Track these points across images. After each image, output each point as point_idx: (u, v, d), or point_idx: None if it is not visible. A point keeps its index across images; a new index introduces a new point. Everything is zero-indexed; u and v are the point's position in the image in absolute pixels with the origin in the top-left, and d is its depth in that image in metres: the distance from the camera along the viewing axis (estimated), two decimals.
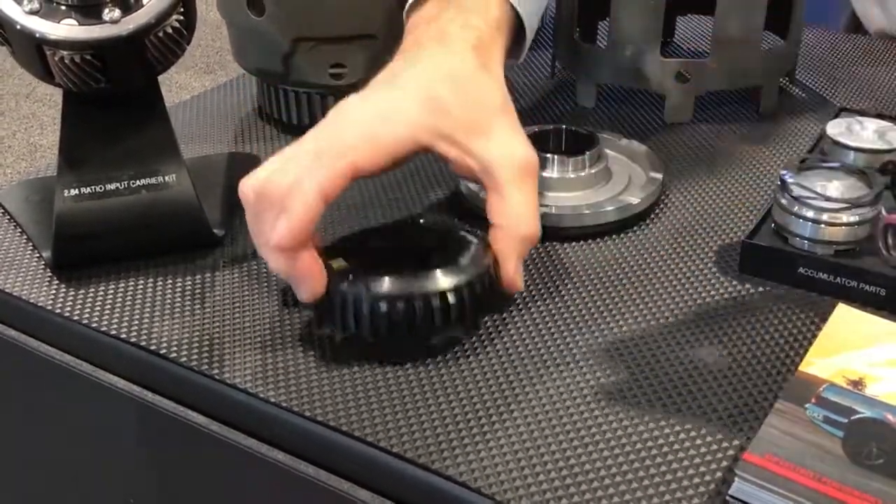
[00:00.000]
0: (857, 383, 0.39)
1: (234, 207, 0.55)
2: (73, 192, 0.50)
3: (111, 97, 0.51)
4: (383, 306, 0.43)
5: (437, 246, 0.48)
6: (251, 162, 0.61)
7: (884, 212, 0.47)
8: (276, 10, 0.62)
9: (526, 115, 0.59)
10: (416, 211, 0.57)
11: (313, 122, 0.67)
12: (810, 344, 0.42)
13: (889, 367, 0.40)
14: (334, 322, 0.45)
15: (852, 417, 0.38)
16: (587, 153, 0.55)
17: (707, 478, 0.37)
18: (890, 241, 0.46)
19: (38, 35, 0.47)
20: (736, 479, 0.35)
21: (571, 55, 0.71)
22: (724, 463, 0.37)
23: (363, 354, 0.45)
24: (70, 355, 0.49)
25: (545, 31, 0.80)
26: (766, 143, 0.62)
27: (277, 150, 0.46)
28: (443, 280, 0.44)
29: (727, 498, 0.35)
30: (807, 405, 0.38)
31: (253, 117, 0.72)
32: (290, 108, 0.68)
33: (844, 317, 0.44)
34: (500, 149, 0.47)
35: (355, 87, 0.51)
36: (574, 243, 0.53)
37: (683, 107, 0.66)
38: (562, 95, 0.72)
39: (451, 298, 0.44)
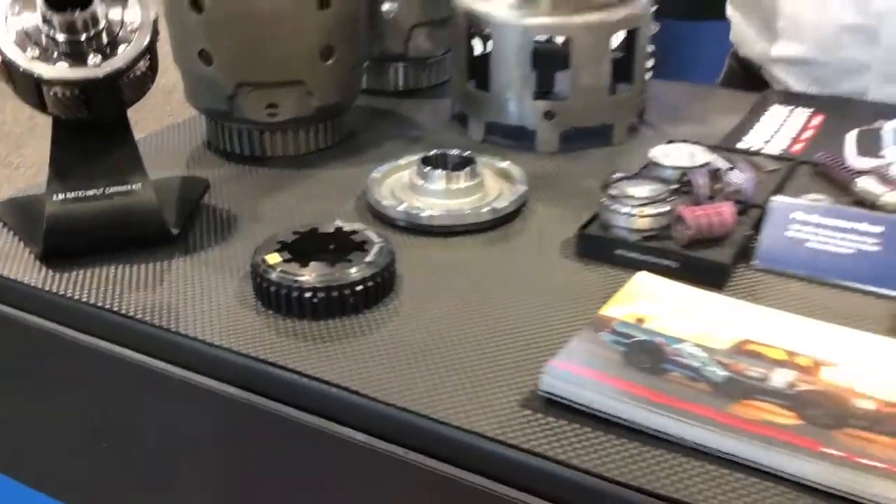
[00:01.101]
0: (640, 320, 0.55)
1: (188, 213, 0.70)
2: (60, 197, 0.64)
3: (91, 124, 0.65)
4: (308, 294, 0.58)
5: (352, 246, 0.62)
6: (201, 183, 0.76)
7: (678, 207, 0.63)
8: (222, 61, 0.78)
9: (431, 145, 0.75)
10: (336, 218, 0.71)
11: (253, 152, 0.83)
12: None
13: (665, 311, 0.56)
14: (272, 307, 0.60)
15: (632, 340, 0.53)
16: (466, 169, 0.71)
17: (529, 383, 0.52)
18: (679, 227, 0.62)
19: (37, 75, 0.61)
20: (543, 376, 0.50)
21: (465, 100, 0.88)
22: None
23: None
24: (57, 324, 0.62)
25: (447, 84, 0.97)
26: (611, 164, 0.78)
27: (223, 175, 0.61)
28: (355, 273, 0.59)
29: (538, 392, 0.50)
30: (601, 332, 0.54)
31: (202, 149, 0.87)
32: (232, 140, 0.83)
33: (641, 280, 0.60)
34: None
35: (287, 123, 0.66)
36: (458, 237, 0.69)
37: (550, 140, 0.82)
38: (458, 131, 0.88)
39: (353, 290, 0.59)
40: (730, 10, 1.11)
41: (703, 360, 0.51)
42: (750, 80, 1.06)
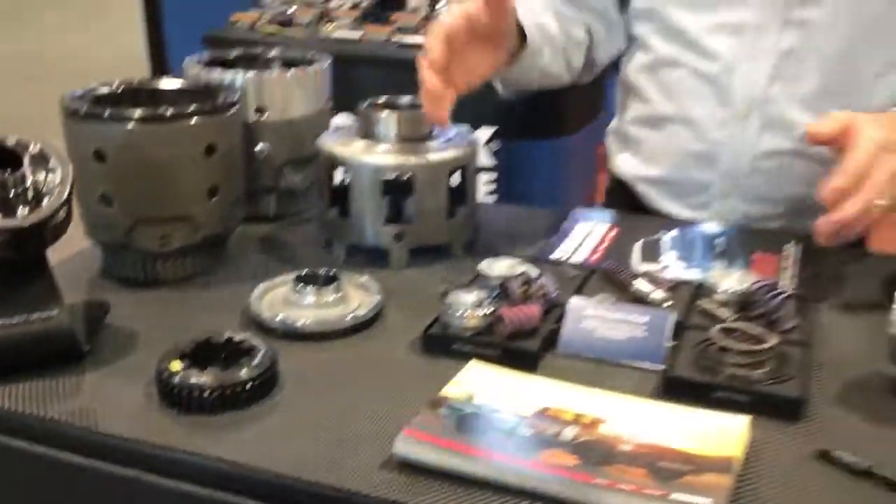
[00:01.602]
0: (470, 397, 0.72)
1: (94, 332, 0.83)
2: None
3: (17, 261, 0.78)
4: (206, 393, 0.72)
5: (241, 352, 0.77)
6: (103, 305, 0.89)
7: (499, 309, 0.81)
8: (122, 202, 0.92)
9: (302, 265, 0.91)
10: (226, 329, 0.86)
11: (147, 278, 0.96)
12: None
13: (489, 389, 0.73)
14: (176, 406, 0.74)
15: (463, 412, 0.70)
16: (332, 285, 0.88)
17: (388, 449, 0.67)
18: (500, 324, 0.81)
19: None
20: (398, 443, 0.66)
21: (329, 226, 1.05)
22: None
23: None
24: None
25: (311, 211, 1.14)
26: (450, 276, 0.96)
27: (120, 301, 0.75)
28: (244, 374, 0.74)
29: (394, 456, 0.66)
30: (440, 408, 0.70)
31: (98, 276, 1.00)
32: (127, 268, 0.97)
33: (472, 367, 0.77)
34: None
35: (177, 251, 0.81)
36: (328, 341, 0.85)
37: (401, 257, 1.00)
38: (325, 252, 1.05)
39: (244, 387, 0.73)
40: (608, 140, 1.33)
41: (515, 423, 0.68)
42: (624, 195, 1.27)
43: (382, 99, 1.06)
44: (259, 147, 1.10)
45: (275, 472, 0.66)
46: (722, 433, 0.68)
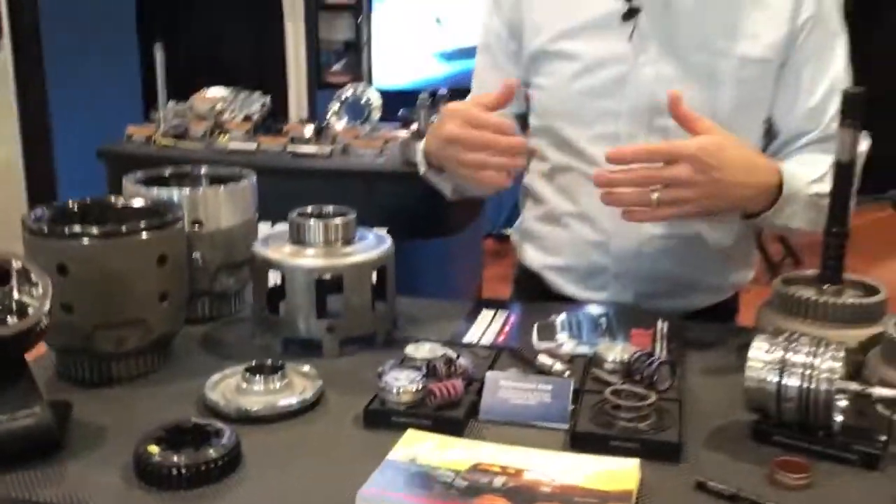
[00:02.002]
0: (412, 459, 0.86)
1: (60, 429, 0.93)
2: None
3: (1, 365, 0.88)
4: (183, 471, 0.83)
5: (207, 435, 0.88)
6: (66, 405, 0.99)
7: (428, 385, 0.96)
8: (81, 310, 1.02)
9: (240, 359, 1.03)
10: (191, 417, 0.96)
11: (101, 380, 1.06)
12: None
13: (427, 451, 0.87)
14: (154, 484, 0.84)
15: (408, 471, 0.83)
16: (278, 374, 1.00)
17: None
18: (429, 398, 0.95)
19: None
20: (358, 499, 0.79)
21: (265, 322, 1.18)
22: None
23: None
24: None
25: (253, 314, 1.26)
26: (380, 360, 1.10)
27: (80, 400, 0.86)
28: (213, 453, 0.85)
29: None
30: (387, 469, 0.84)
31: (55, 379, 1.09)
32: (84, 370, 1.06)
33: (410, 434, 0.91)
34: None
35: (131, 352, 0.93)
36: (278, 423, 0.97)
37: (333, 347, 1.14)
38: (260, 347, 1.17)
39: (215, 464, 0.85)
40: (514, 237, 1.50)
41: (453, 477, 0.82)
42: (532, 283, 1.44)
43: (309, 209, 1.20)
44: (196, 255, 1.22)
45: None
46: (620, 473, 0.84)
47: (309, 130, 2.86)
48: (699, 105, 1.19)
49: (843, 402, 0.89)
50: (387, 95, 3.11)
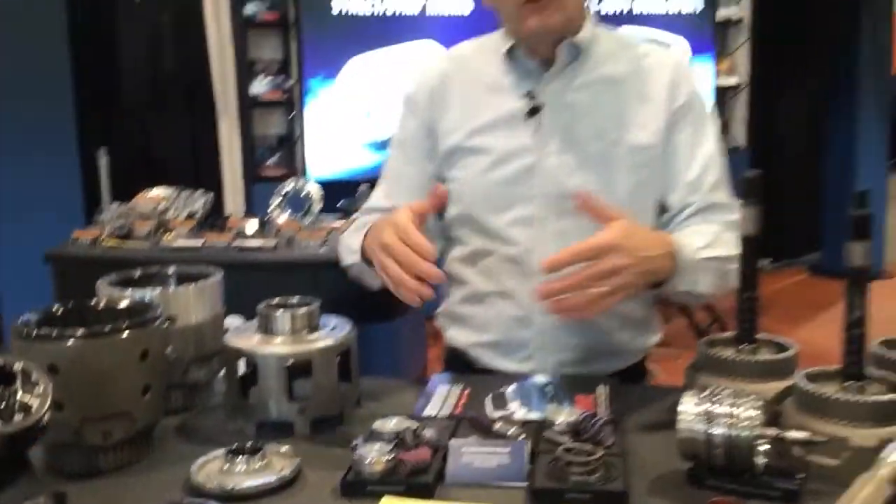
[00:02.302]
0: None
1: None
2: None
3: (7, 459, 0.95)
4: None
5: None
6: (63, 497, 1.05)
7: (397, 454, 1.06)
8: (71, 406, 1.10)
9: (217, 444, 1.11)
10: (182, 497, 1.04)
11: (90, 472, 1.13)
12: None
13: None
14: None
15: None
16: (258, 454, 1.09)
17: None
18: (400, 465, 1.05)
19: None
20: None
21: (238, 408, 1.26)
22: None
23: None
24: None
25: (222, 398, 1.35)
26: (350, 433, 1.19)
27: (71, 492, 0.94)
28: None
29: None
30: None
31: (45, 471, 1.15)
32: (73, 462, 1.13)
33: (386, 500, 1.00)
34: None
35: (119, 442, 1.01)
36: (261, 499, 1.05)
37: (304, 427, 1.23)
38: (234, 431, 1.25)
39: None
40: (438, 321, 1.61)
41: None
42: (459, 361, 1.55)
43: (276, 300, 1.30)
44: (169, 350, 1.31)
45: None
46: None
47: (252, 225, 2.97)
48: (599, 189, 1.37)
49: (763, 446, 1.02)
50: (322, 185, 3.24)
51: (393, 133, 1.61)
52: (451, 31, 4.92)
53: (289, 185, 3.14)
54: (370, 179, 3.35)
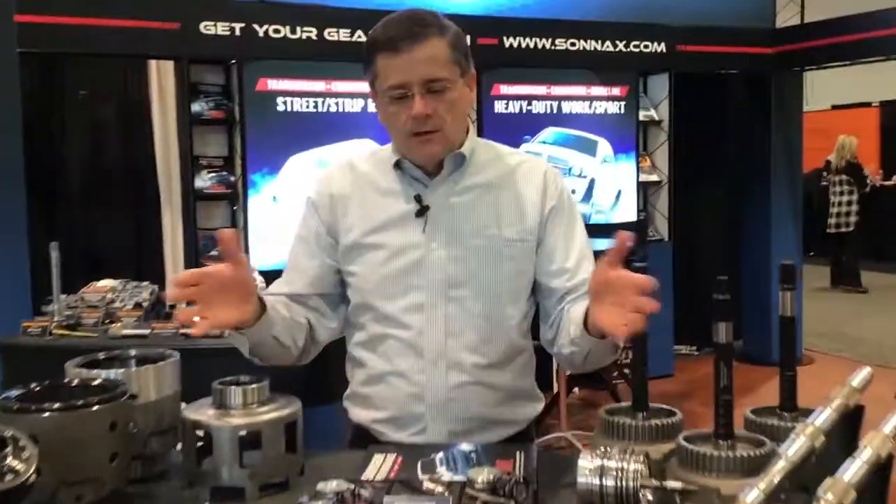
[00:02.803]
0: None
1: None
2: None
3: None
4: None
5: None
6: None
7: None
8: (48, 471, 1.24)
9: None
10: None
11: None
12: None
13: None
14: None
15: None
16: None
17: None
18: None
19: None
20: None
21: (195, 475, 1.41)
22: None
23: None
24: None
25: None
26: (293, 500, 1.34)
27: None
28: None
29: None
30: None
31: None
32: None
33: None
34: None
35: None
36: None
37: (254, 491, 1.38)
38: (190, 496, 1.40)
39: None
40: (345, 403, 1.78)
41: None
42: (363, 436, 1.72)
43: (228, 378, 1.47)
44: (131, 424, 1.45)
45: None
46: None
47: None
48: (484, 275, 1.63)
49: (648, 494, 1.21)
50: (262, 275, 3.40)
51: (296, 229, 1.80)
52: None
53: None
54: None
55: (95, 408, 1.29)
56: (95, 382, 1.40)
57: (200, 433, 1.42)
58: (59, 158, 5.12)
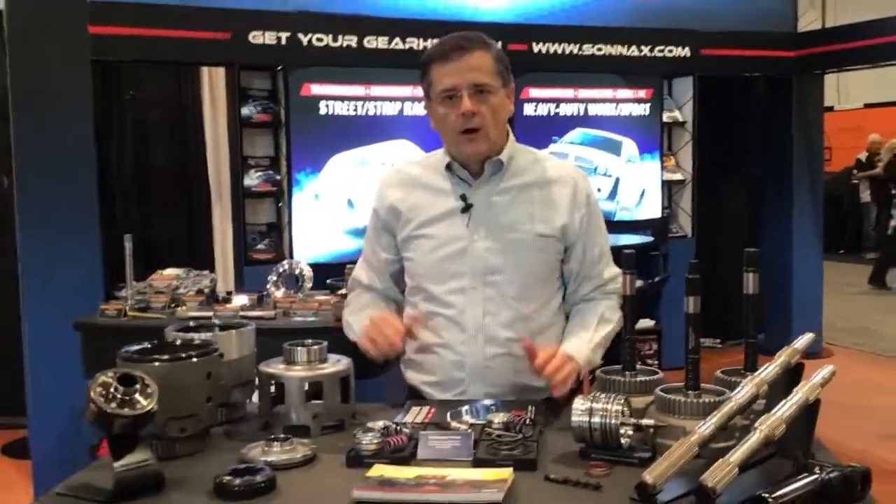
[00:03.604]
0: (381, 474, 1.46)
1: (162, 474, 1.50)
2: (120, 466, 1.42)
3: (126, 436, 1.44)
4: (240, 488, 1.42)
5: (256, 471, 1.47)
6: (160, 474, 1.55)
7: None
8: (160, 409, 1.60)
9: (252, 442, 1.62)
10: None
11: (168, 456, 1.63)
12: None
13: (389, 472, 1.47)
14: (224, 498, 1.41)
15: (381, 480, 1.43)
16: (288, 441, 1.60)
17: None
18: (387, 447, 1.56)
19: (110, 412, 1.42)
20: (354, 494, 1.38)
21: (270, 416, 1.76)
22: None
23: None
24: None
25: None
26: (346, 438, 1.69)
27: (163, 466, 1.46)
28: (256, 480, 1.44)
29: (354, 498, 1.38)
30: (368, 480, 1.43)
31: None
32: (157, 449, 1.62)
33: (377, 467, 1.51)
34: None
35: (190, 435, 1.52)
36: (292, 471, 1.55)
37: (317, 429, 1.73)
38: (265, 433, 1.75)
39: (260, 485, 1.43)
40: (401, 366, 2.13)
41: (404, 481, 1.43)
42: (414, 394, 2.05)
43: (295, 341, 1.82)
44: (220, 376, 1.81)
45: None
46: (500, 473, 1.46)
47: (252, 300, 3.49)
48: (517, 264, 1.96)
49: (627, 430, 1.54)
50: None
51: (367, 228, 2.18)
52: (423, 132, 5.54)
53: (284, 266, 3.67)
54: (352, 261, 3.88)
55: (195, 360, 1.65)
56: (195, 342, 1.75)
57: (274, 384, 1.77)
58: (116, 159, 5.52)
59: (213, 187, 5.74)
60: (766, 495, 1.29)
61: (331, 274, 3.87)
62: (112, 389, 1.44)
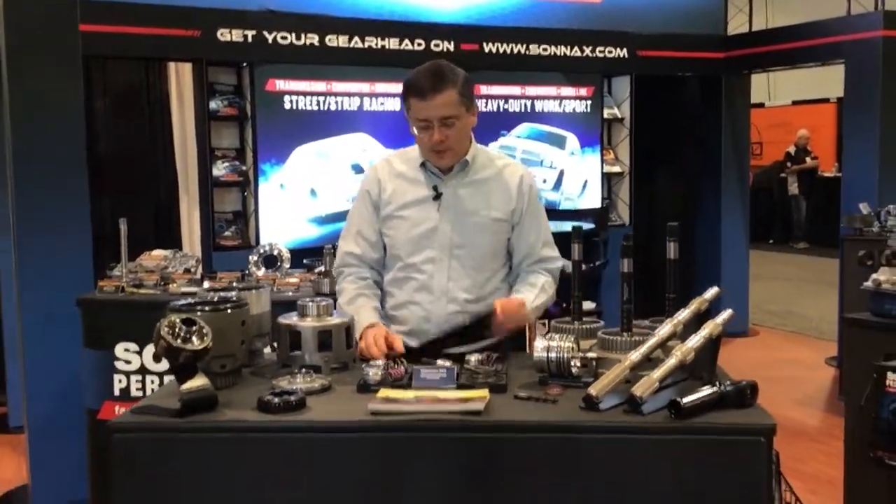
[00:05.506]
0: (387, 396, 1.88)
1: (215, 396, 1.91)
2: (184, 389, 1.81)
3: (187, 367, 1.84)
4: (279, 404, 1.83)
5: (289, 393, 1.87)
6: (213, 396, 1.95)
7: None
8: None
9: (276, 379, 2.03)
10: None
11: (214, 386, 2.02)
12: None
13: (392, 393, 1.89)
14: (266, 411, 1.82)
15: (386, 399, 1.86)
16: (310, 373, 2.01)
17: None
18: (389, 376, 1.98)
19: (176, 346, 1.81)
20: (370, 407, 1.80)
21: (289, 359, 2.17)
22: None
23: None
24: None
25: None
26: (353, 375, 2.10)
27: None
28: (290, 400, 1.85)
29: (370, 409, 1.80)
30: (379, 397, 1.86)
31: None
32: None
33: (382, 391, 1.93)
34: None
35: (228, 371, 1.93)
36: (312, 395, 1.96)
37: (328, 369, 2.14)
38: (286, 372, 2.15)
39: (293, 402, 1.84)
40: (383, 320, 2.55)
41: (405, 397, 1.85)
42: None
43: (307, 298, 2.22)
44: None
45: None
46: (478, 393, 1.89)
47: (238, 278, 3.86)
48: (476, 242, 2.45)
49: (576, 362, 1.99)
50: None
51: (354, 202, 2.59)
52: (381, 126, 5.93)
53: (264, 247, 4.04)
54: (318, 248, 4.21)
55: (231, 311, 2.04)
56: (231, 297, 2.15)
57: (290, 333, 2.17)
58: (88, 151, 5.74)
59: (180, 177, 6.02)
60: (679, 400, 1.74)
61: (295, 258, 4.22)
62: (177, 329, 1.83)
